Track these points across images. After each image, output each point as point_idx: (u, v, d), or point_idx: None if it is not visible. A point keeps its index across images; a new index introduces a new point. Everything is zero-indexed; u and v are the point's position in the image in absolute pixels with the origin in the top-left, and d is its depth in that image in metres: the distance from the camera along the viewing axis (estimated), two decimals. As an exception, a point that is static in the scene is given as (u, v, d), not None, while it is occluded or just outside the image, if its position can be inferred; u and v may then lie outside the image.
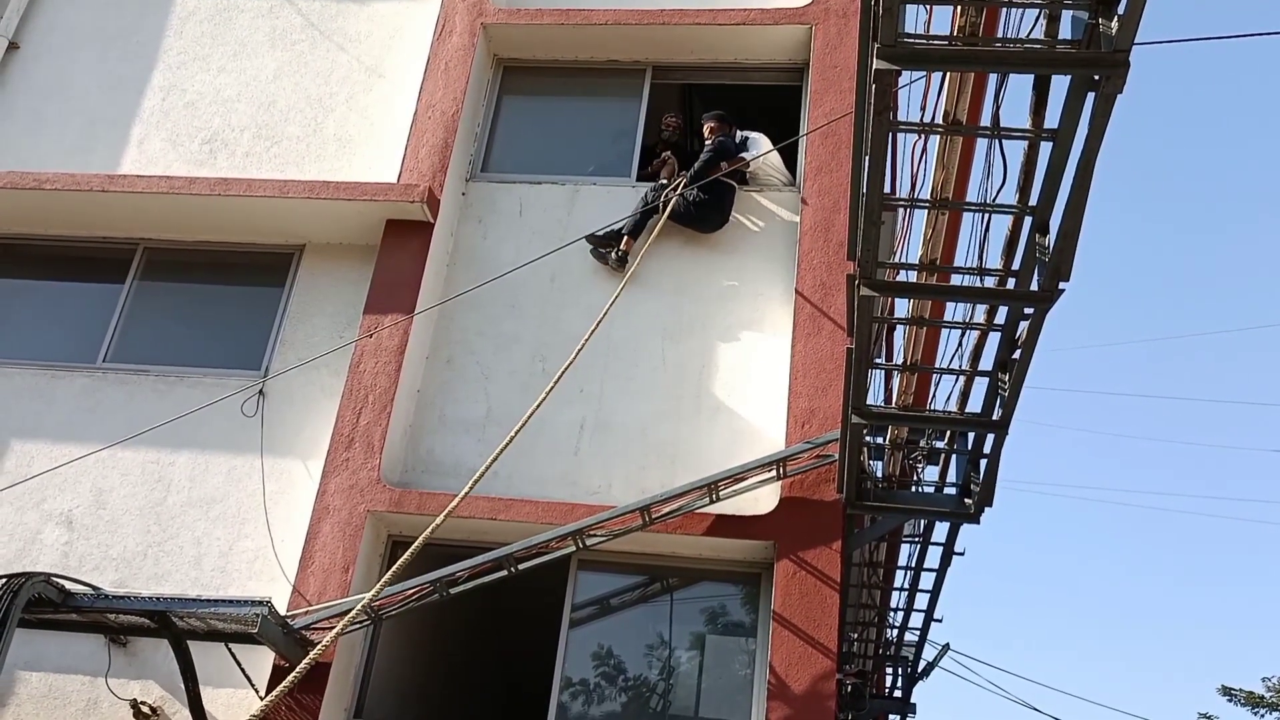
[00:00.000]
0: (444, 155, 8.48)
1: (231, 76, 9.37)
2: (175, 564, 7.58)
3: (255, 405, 8.02)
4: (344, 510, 7.38)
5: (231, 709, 7.05)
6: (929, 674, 12.59)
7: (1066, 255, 4.54)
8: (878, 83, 3.94)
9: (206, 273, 8.95)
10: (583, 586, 7.49)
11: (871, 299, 5.10)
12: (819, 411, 7.34)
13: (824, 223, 7.98)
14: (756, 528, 7.11)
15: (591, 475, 7.56)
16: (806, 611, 6.80)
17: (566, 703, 7.19)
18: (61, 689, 7.29)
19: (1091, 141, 4.06)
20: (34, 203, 8.71)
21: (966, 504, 6.83)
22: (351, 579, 7.16)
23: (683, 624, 7.56)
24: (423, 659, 9.02)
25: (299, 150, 8.94)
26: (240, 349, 8.44)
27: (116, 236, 8.94)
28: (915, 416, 6.61)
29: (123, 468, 7.90)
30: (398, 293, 8.04)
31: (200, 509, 7.74)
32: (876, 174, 4.41)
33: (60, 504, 7.85)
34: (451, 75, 8.84)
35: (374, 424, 7.61)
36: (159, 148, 9.12)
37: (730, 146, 8.36)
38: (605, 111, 9.27)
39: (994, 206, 4.80)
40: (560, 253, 7.94)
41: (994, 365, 5.66)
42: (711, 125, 8.56)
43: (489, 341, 8.12)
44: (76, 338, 8.65)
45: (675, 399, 7.76)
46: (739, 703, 7.05)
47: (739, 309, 8.02)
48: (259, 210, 8.47)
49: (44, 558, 7.64)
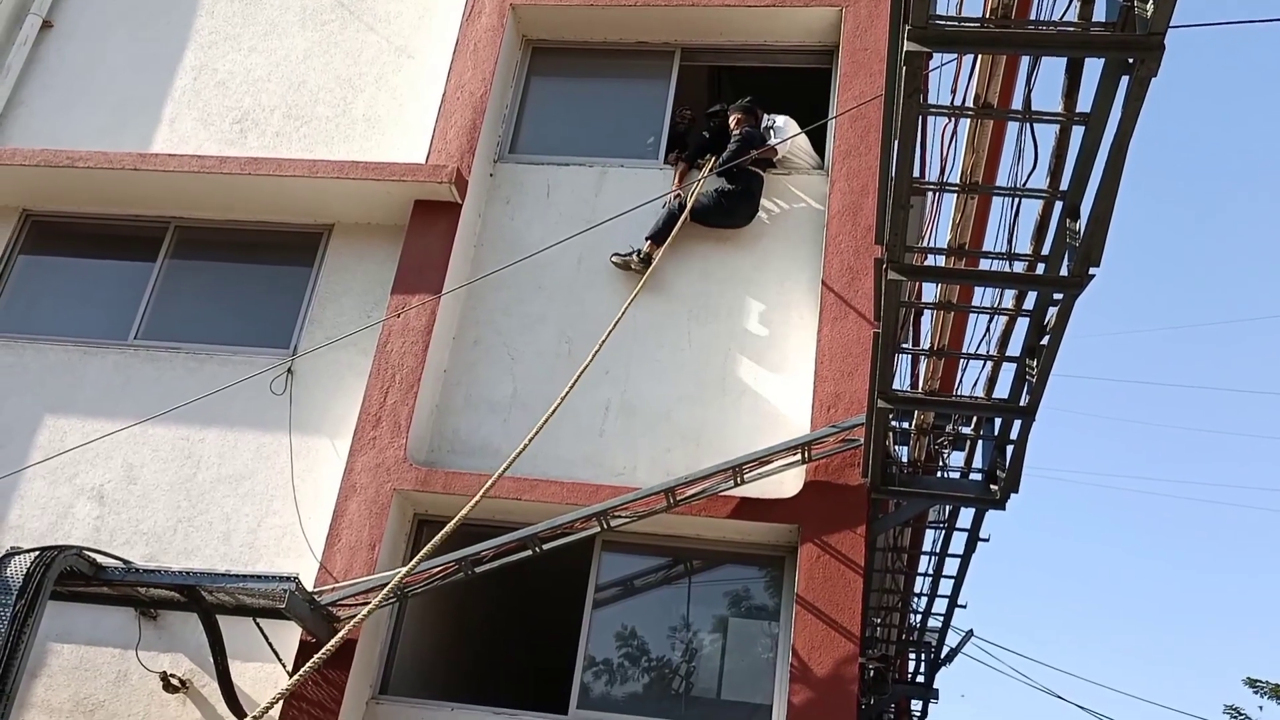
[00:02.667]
0: (472, 136, 8.50)
1: (262, 56, 9.42)
2: (204, 539, 7.68)
3: (284, 383, 8.08)
4: (370, 488, 7.44)
5: (259, 683, 7.14)
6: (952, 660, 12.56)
7: (1097, 240, 4.50)
8: (908, 65, 3.91)
9: (236, 251, 9.01)
10: (606, 567, 7.53)
11: (899, 283, 5.07)
12: (845, 395, 7.33)
13: (852, 206, 7.94)
14: (781, 511, 7.12)
15: (616, 457, 7.59)
16: (830, 595, 6.81)
17: (589, 682, 7.24)
18: (92, 661, 7.40)
19: (1125, 125, 4.02)
20: (67, 181, 8.80)
21: (992, 490, 6.81)
22: (377, 557, 7.22)
23: (706, 606, 7.58)
24: (447, 637, 9.10)
25: (328, 130, 8.98)
26: (269, 327, 8.51)
27: (148, 215, 9.02)
28: (941, 401, 6.58)
29: (153, 444, 8.00)
30: (425, 273, 8.07)
31: (229, 485, 7.82)
32: (905, 157, 4.39)
33: (92, 479, 7.95)
34: (480, 56, 8.85)
35: (401, 403, 7.66)
36: (190, 127, 9.18)
37: (756, 138, 8.25)
38: (633, 93, 9.25)
39: (1024, 191, 4.76)
40: (587, 234, 7.95)
41: (1022, 351, 5.63)
42: (738, 117, 8.44)
43: (515, 322, 8.14)
44: (108, 315, 8.75)
45: (701, 381, 7.77)
46: (761, 685, 7.08)
47: (766, 292, 8.00)
48: (288, 190, 8.52)
49: (76, 531, 7.75)
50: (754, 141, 8.20)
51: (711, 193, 8.13)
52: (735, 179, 8.12)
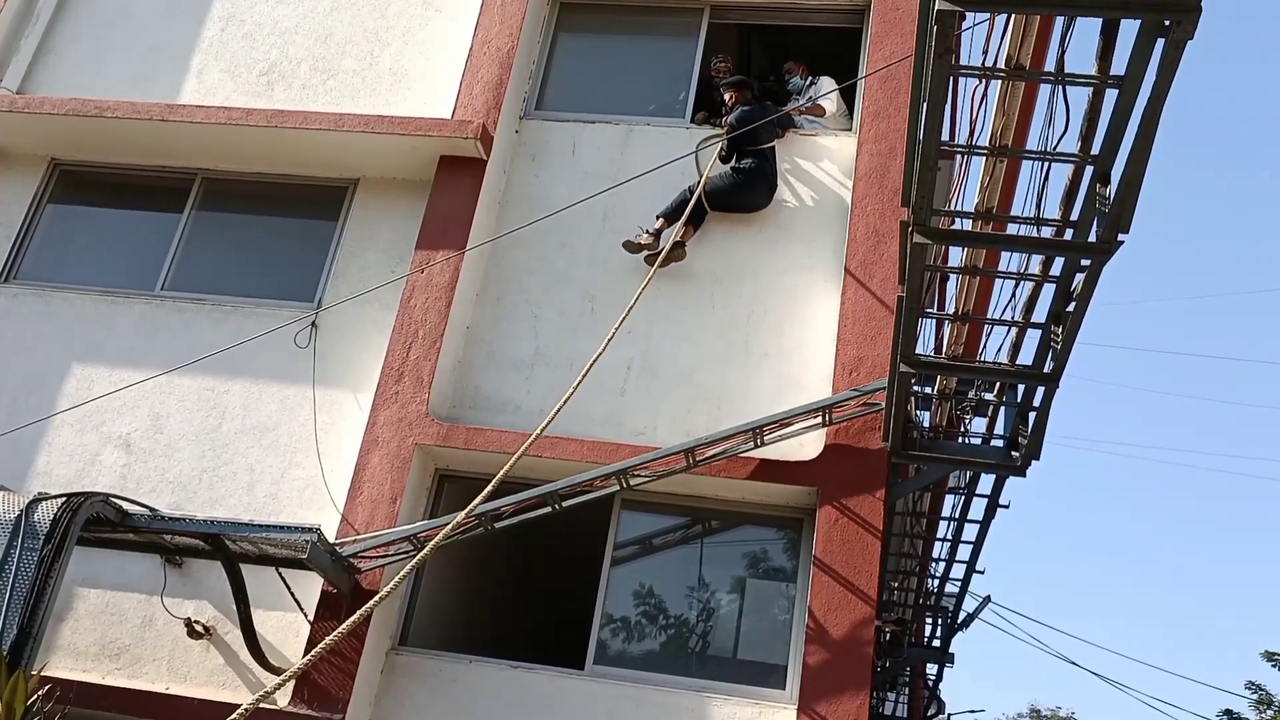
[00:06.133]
0: (499, 92, 8.45)
1: (290, 8, 9.38)
2: (229, 489, 7.76)
3: (308, 336, 8.12)
4: (392, 443, 7.49)
5: (281, 631, 7.24)
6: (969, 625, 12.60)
7: (1128, 206, 4.44)
8: (939, 25, 3.85)
9: (263, 204, 9.03)
10: (625, 526, 7.57)
11: (924, 247, 5.03)
12: (867, 359, 7.30)
13: (880, 168, 7.86)
14: (800, 473, 7.12)
15: (637, 416, 7.60)
16: (847, 558, 6.82)
17: (606, 639, 7.30)
18: (118, 606, 7.53)
19: (1159, 89, 3.95)
20: (96, 130, 8.83)
21: (1013, 457, 6.78)
22: (399, 510, 7.29)
23: (723, 566, 7.62)
24: (466, 592, 9.19)
25: (355, 84, 8.95)
26: (294, 280, 8.54)
27: (175, 165, 9.04)
28: (965, 367, 6.54)
29: (179, 394, 8.07)
30: (450, 229, 8.07)
31: (253, 437, 7.90)
32: (934, 119, 4.33)
33: (119, 427, 8.04)
34: (508, 11, 8.78)
35: (424, 359, 7.69)
36: (217, 78, 9.18)
37: (752, 115, 8.01)
38: (661, 51, 9.17)
39: (1055, 155, 4.70)
40: (612, 193, 7.91)
41: (1047, 317, 5.58)
42: (732, 94, 8.28)
43: (539, 280, 8.14)
44: (136, 265, 8.80)
45: (723, 343, 7.75)
46: (777, 646, 7.12)
47: (790, 254, 7.96)
48: (314, 143, 8.51)
49: (103, 479, 7.85)
50: (747, 120, 7.98)
51: (725, 178, 7.96)
52: (745, 159, 7.95)
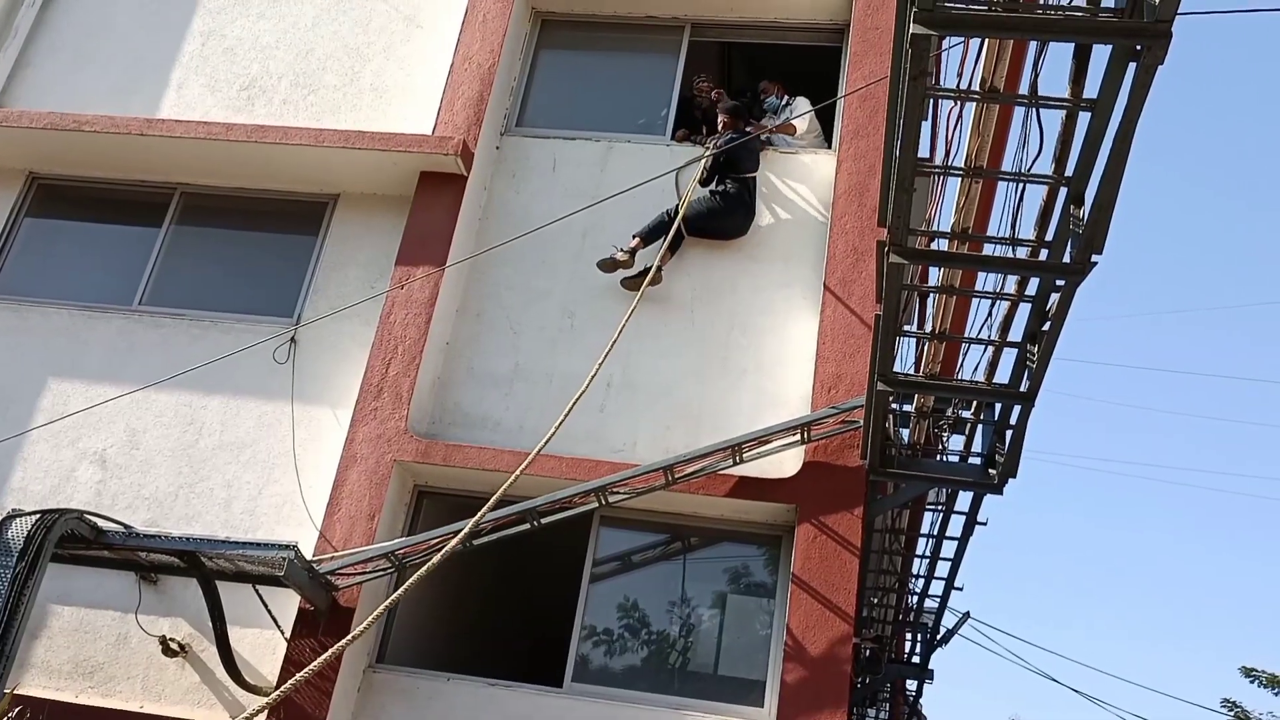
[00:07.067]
0: (479, 108, 8.47)
1: (271, 23, 9.38)
2: (205, 505, 7.72)
3: (287, 352, 8.10)
4: (371, 459, 7.47)
5: (258, 649, 7.20)
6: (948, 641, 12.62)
7: (1101, 227, 4.48)
8: (914, 48, 3.89)
9: (242, 219, 9.01)
10: (604, 543, 7.56)
11: (901, 266, 5.06)
12: (846, 377, 7.33)
13: (859, 186, 7.91)
14: (779, 491, 7.14)
15: (617, 433, 7.60)
16: (826, 575, 6.83)
17: (586, 655, 7.28)
18: (92, 623, 7.46)
19: (1131, 112, 4.00)
20: (73, 144, 8.79)
21: (990, 474, 6.81)
22: (377, 527, 7.26)
23: (702, 583, 7.61)
24: (445, 609, 9.15)
25: (335, 99, 8.95)
26: (273, 296, 8.51)
27: (154, 180, 9.01)
28: (941, 385, 6.58)
29: (156, 409, 8.03)
30: (430, 245, 8.07)
31: (231, 453, 7.86)
32: (910, 140, 4.37)
33: (95, 443, 7.99)
34: (489, 28, 8.80)
35: (403, 375, 7.67)
36: (198, 93, 9.16)
37: (736, 150, 7.99)
38: (642, 68, 9.21)
39: (1029, 176, 4.74)
40: (592, 210, 7.92)
41: (1023, 336, 5.63)
42: (724, 120, 8.28)
43: (519, 296, 8.14)
44: (113, 279, 8.76)
45: (703, 359, 7.77)
46: (756, 663, 7.12)
47: (770, 271, 7.99)
48: (295, 158, 8.51)
49: (78, 495, 7.80)
50: (737, 148, 7.97)
51: (704, 203, 7.97)
52: (725, 184, 7.97)
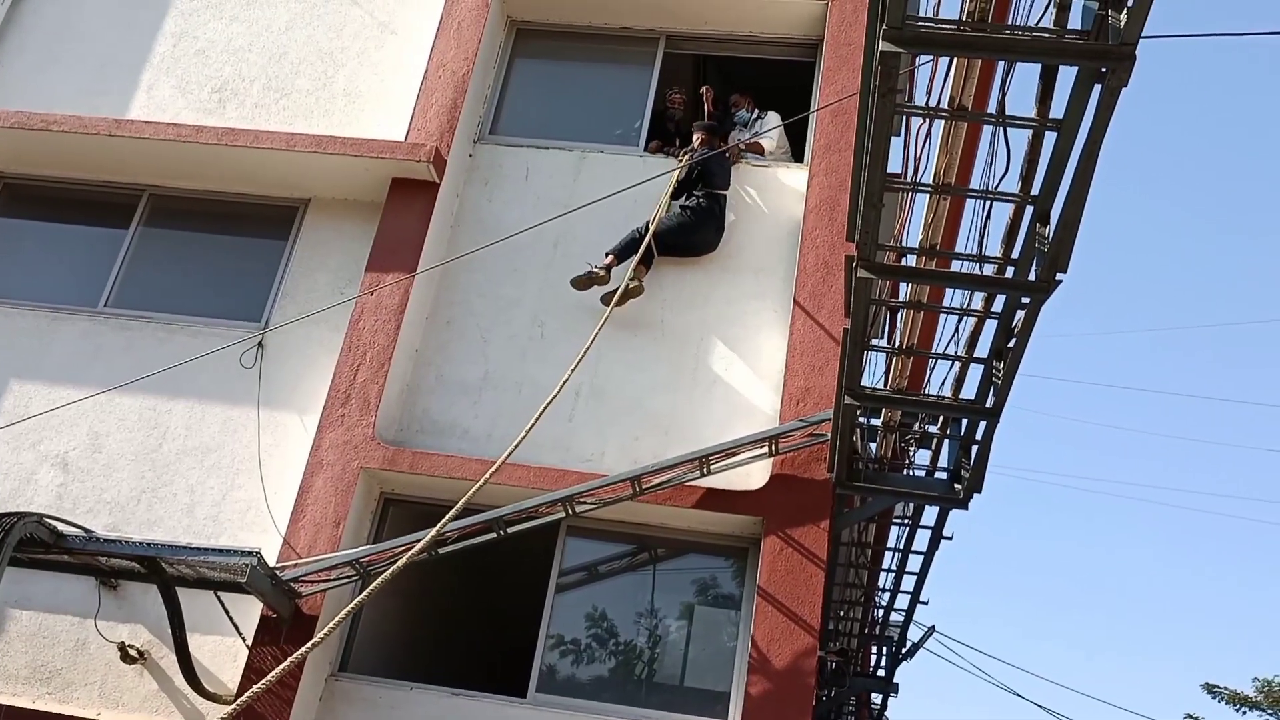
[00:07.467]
0: (452, 116, 8.46)
1: (243, 26, 9.33)
2: (168, 511, 7.64)
3: (254, 357, 8.04)
4: (337, 465, 7.42)
5: (218, 656, 7.13)
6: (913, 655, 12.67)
7: (1065, 246, 4.52)
8: (883, 65, 3.92)
9: (211, 222, 8.95)
10: (571, 552, 7.54)
11: (869, 281, 5.09)
12: (814, 390, 7.36)
13: (829, 201, 7.95)
14: (746, 503, 7.15)
15: (585, 442, 7.59)
16: (791, 588, 6.84)
17: (552, 665, 7.26)
18: (51, 628, 7.37)
19: (1095, 133, 4.04)
20: (41, 144, 8.70)
21: (956, 489, 6.85)
22: (342, 534, 7.21)
23: (668, 594, 7.61)
24: (409, 617, 9.10)
25: (308, 103, 8.91)
26: (241, 300, 8.45)
27: (122, 181, 8.94)
28: (908, 400, 6.61)
29: (120, 413, 7.94)
30: (400, 251, 8.04)
31: (195, 458, 7.79)
32: (878, 156, 4.39)
33: (56, 446, 7.90)
34: (464, 35, 8.80)
35: (371, 381, 7.64)
36: (168, 94, 9.10)
37: (708, 165, 8.02)
38: (616, 79, 9.22)
39: (996, 194, 4.78)
40: (564, 219, 7.92)
41: (989, 353, 5.67)
42: (701, 136, 8.29)
43: (489, 304, 8.12)
44: (79, 281, 8.68)
45: (672, 371, 7.77)
46: (722, 674, 7.11)
47: (740, 284, 8.01)
48: (265, 162, 8.46)
49: (38, 498, 7.70)
50: (704, 168, 8.00)
51: (675, 218, 7.97)
52: (698, 200, 7.98)
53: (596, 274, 7.79)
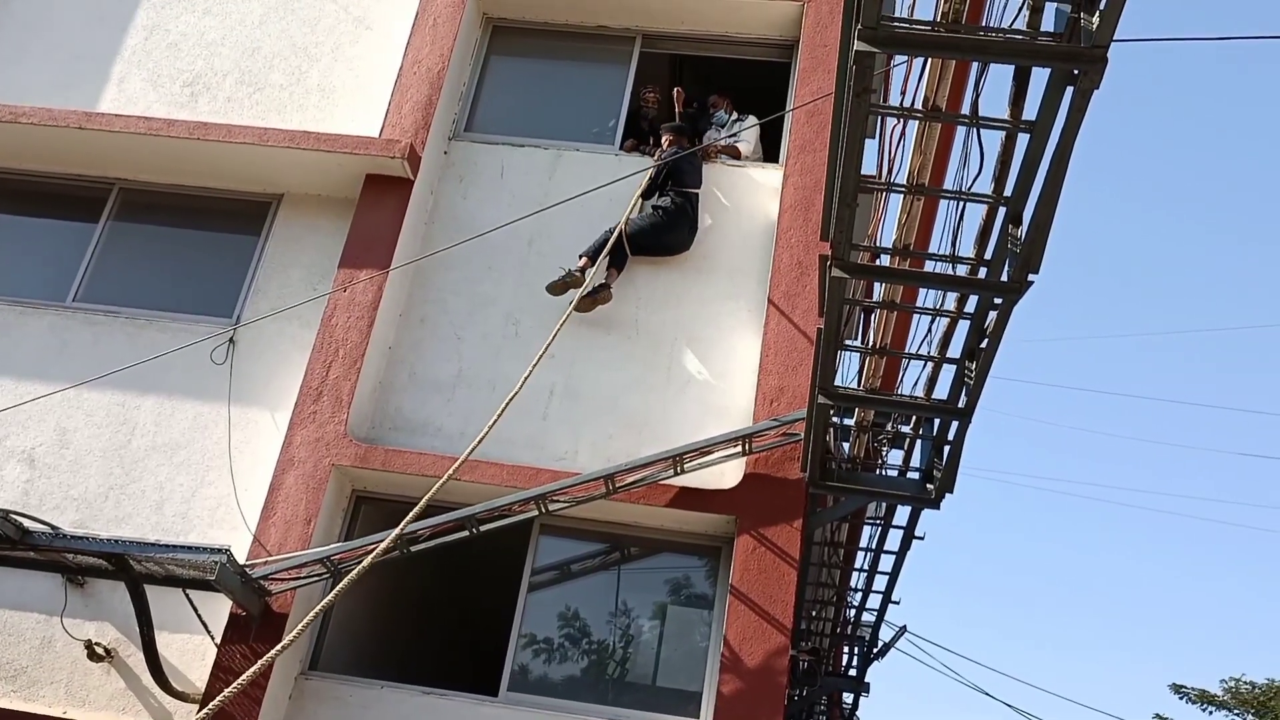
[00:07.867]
0: (428, 112, 8.42)
1: (216, 19, 9.25)
2: (136, 507, 7.57)
3: (225, 353, 7.98)
4: (309, 463, 7.37)
5: (186, 654, 7.06)
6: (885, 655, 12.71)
7: (1037, 247, 4.55)
8: (857, 65, 3.93)
9: (182, 217, 8.86)
10: (544, 551, 7.53)
11: (843, 281, 5.10)
12: (788, 389, 7.37)
13: (804, 201, 7.97)
14: (719, 502, 7.15)
15: (558, 440, 7.58)
16: (764, 587, 6.85)
17: (522, 665, 7.24)
18: (16, 626, 7.28)
19: (1067, 134, 4.06)
20: (9, 136, 8.59)
21: (928, 489, 6.88)
22: (313, 532, 7.16)
23: (641, 593, 7.60)
24: (380, 615, 9.05)
25: (281, 98, 8.85)
26: (212, 295, 8.38)
27: (92, 175, 8.84)
28: (881, 400, 6.63)
29: (88, 408, 7.86)
30: (374, 248, 8.00)
31: (164, 454, 7.71)
32: (853, 155, 4.41)
33: (23, 441, 7.80)
34: (439, 32, 8.76)
35: (343, 378, 7.59)
36: (139, 87, 9.01)
37: (679, 164, 8.04)
38: (592, 78, 9.21)
39: (969, 195, 4.80)
40: (539, 217, 7.90)
41: (962, 353, 5.69)
42: (669, 138, 8.29)
43: (464, 302, 8.09)
44: (47, 275, 8.58)
45: (646, 369, 7.77)
46: (694, 673, 7.12)
47: (715, 283, 8.01)
48: (238, 157, 8.39)
49: (4, 494, 7.61)
50: (675, 168, 7.99)
51: (647, 218, 7.98)
52: (670, 200, 7.98)
53: (572, 277, 7.77)
